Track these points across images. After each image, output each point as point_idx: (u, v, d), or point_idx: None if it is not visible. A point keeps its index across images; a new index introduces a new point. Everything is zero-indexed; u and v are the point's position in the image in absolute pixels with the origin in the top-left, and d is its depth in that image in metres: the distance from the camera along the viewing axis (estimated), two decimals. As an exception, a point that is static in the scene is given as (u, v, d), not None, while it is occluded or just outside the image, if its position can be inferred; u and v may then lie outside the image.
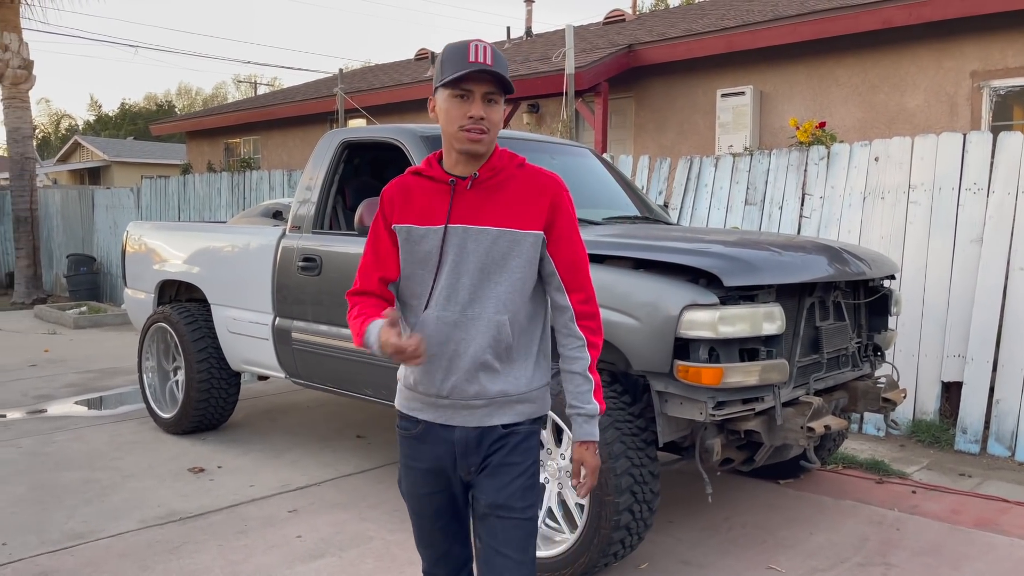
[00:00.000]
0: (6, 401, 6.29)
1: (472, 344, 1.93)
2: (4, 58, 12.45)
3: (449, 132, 1.91)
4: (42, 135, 52.80)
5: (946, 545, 3.69)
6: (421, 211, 1.96)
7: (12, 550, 3.54)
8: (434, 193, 1.96)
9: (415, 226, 1.95)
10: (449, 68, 1.88)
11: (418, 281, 1.97)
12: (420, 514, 2.10)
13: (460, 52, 1.87)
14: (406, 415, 2.06)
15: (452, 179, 1.94)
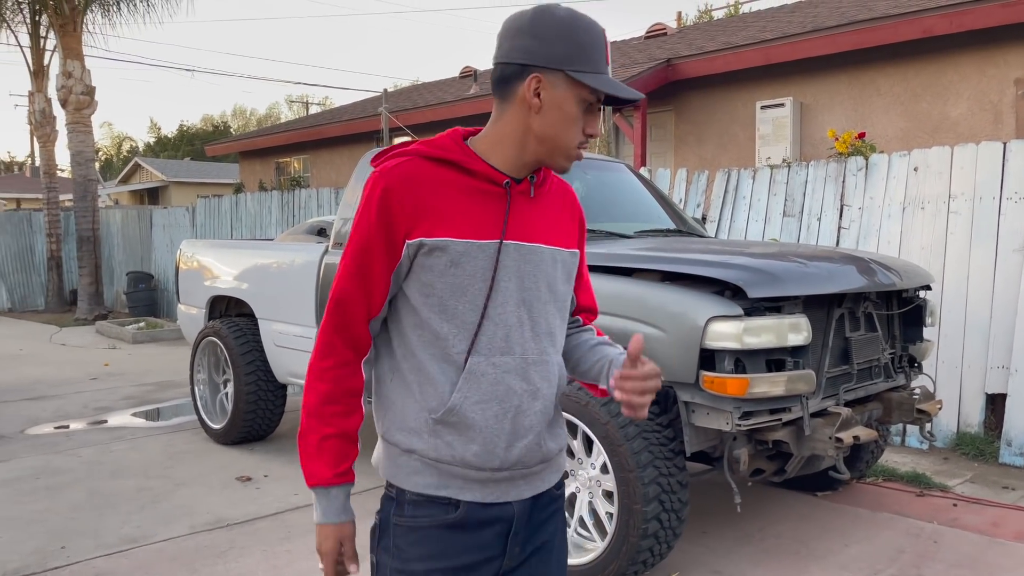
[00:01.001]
0: (69, 413, 6.59)
1: (540, 396, 1.50)
2: (68, 85, 13.01)
3: (562, 143, 1.45)
4: (105, 157, 54.72)
5: (983, 558, 3.65)
6: (458, 217, 1.43)
7: (70, 553, 3.74)
8: (475, 193, 1.46)
9: (452, 240, 1.42)
10: (589, 61, 1.42)
11: (449, 317, 1.44)
12: None
13: (599, 46, 1.45)
14: (436, 498, 1.47)
15: (507, 180, 1.47)
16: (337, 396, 1.48)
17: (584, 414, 3.24)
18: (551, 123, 1.44)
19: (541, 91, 1.42)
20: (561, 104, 1.43)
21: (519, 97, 1.44)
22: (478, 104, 12.30)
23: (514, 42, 1.44)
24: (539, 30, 1.42)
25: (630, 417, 1.49)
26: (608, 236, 4.11)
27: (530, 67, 1.42)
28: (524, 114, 1.45)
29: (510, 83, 1.45)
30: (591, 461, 3.38)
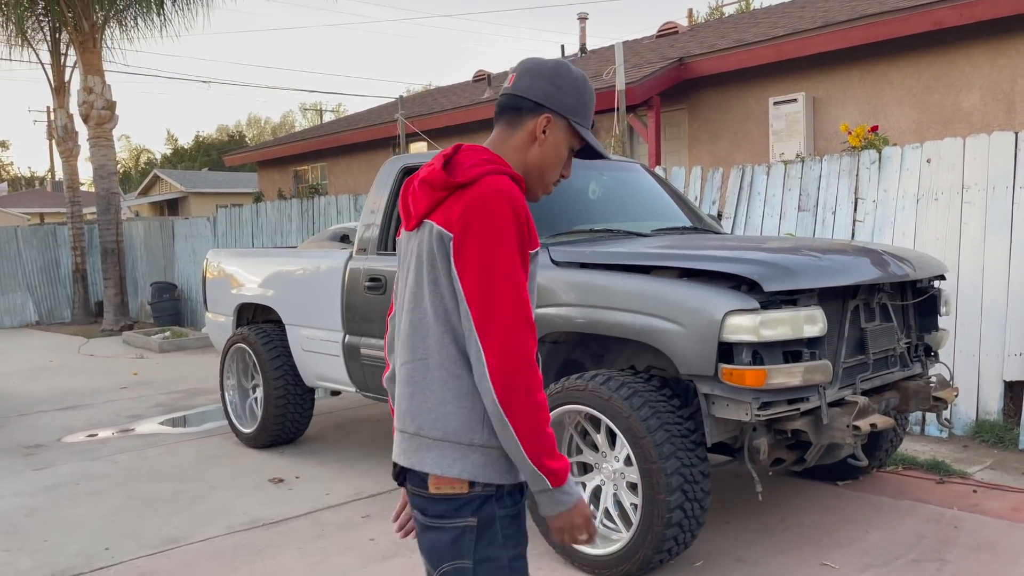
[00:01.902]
0: (102, 421, 6.76)
1: None
2: (89, 100, 13.25)
3: (546, 175, 1.75)
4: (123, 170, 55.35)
5: (1004, 542, 3.71)
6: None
7: (114, 554, 3.88)
8: None
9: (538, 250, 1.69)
10: (585, 117, 1.75)
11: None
12: None
13: (593, 107, 1.77)
14: (516, 484, 1.68)
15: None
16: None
17: (607, 408, 3.34)
18: (546, 157, 1.74)
19: (548, 129, 1.72)
20: (558, 144, 1.74)
21: (528, 129, 1.73)
22: (492, 108, 12.39)
23: (534, 83, 1.73)
24: (558, 81, 1.72)
25: None
26: (626, 235, 4.21)
27: (544, 108, 1.72)
28: (527, 144, 1.74)
29: (522, 114, 1.73)
30: (615, 454, 3.48)
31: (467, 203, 1.61)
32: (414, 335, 1.70)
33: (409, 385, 1.70)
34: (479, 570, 1.63)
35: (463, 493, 1.64)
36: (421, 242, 1.69)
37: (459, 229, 1.61)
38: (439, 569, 1.66)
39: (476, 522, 1.63)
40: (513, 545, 1.65)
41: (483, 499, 1.64)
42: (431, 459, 1.66)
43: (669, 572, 3.47)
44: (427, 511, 1.68)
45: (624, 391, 3.32)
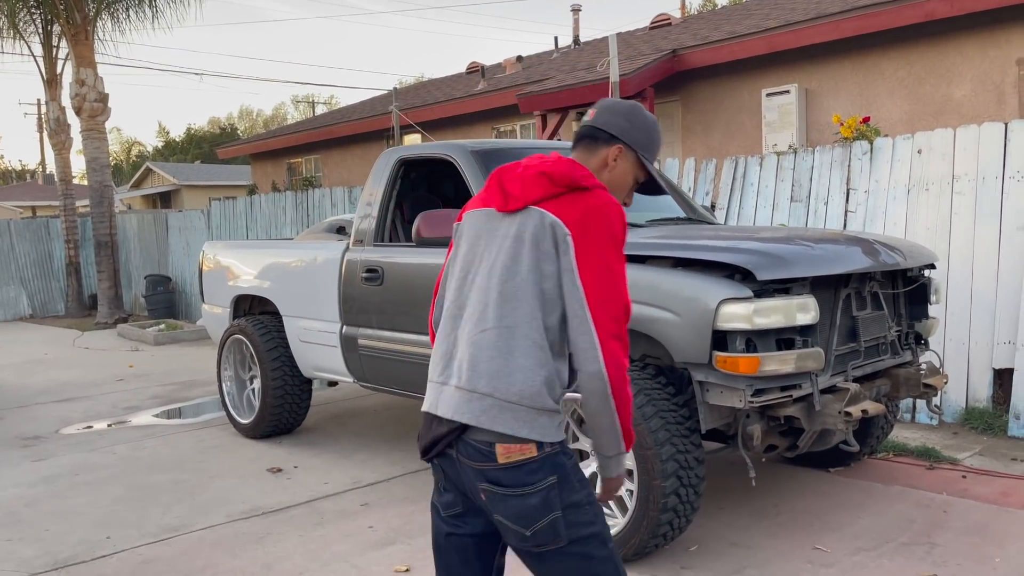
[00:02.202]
0: (100, 413, 6.79)
1: None
2: (82, 92, 13.21)
3: (617, 192, 2.02)
4: (114, 162, 55.11)
5: (992, 525, 3.79)
6: None
7: (116, 542, 3.93)
8: None
9: None
10: (652, 154, 2.04)
11: None
12: None
13: (660, 144, 2.07)
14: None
15: None
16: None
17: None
18: (614, 182, 2.01)
19: (618, 159, 2.01)
20: (625, 173, 2.03)
21: (601, 156, 2.01)
22: (487, 99, 12.44)
23: (611, 118, 2.03)
24: (632, 119, 2.02)
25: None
26: (620, 225, 4.25)
27: (618, 140, 2.01)
28: (599, 169, 2.01)
29: (598, 143, 2.02)
30: (611, 441, 3.52)
31: (588, 208, 1.87)
32: (504, 304, 1.87)
33: (489, 349, 1.85)
34: (567, 515, 1.83)
35: (534, 456, 1.82)
36: (524, 224, 1.89)
37: (579, 229, 1.85)
38: (533, 528, 1.82)
39: (556, 478, 1.83)
40: (585, 486, 1.88)
41: (553, 456, 1.84)
42: (503, 420, 1.81)
43: (664, 556, 3.54)
44: (502, 481, 1.82)
45: (620, 379, 3.37)
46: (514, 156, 4.61)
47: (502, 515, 1.85)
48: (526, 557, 1.90)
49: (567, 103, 10.25)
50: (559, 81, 10.70)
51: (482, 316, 1.89)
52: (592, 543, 1.86)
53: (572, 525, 1.83)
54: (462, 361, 1.89)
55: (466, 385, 1.86)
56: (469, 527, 1.97)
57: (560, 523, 1.82)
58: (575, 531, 1.83)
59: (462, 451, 1.86)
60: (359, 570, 3.51)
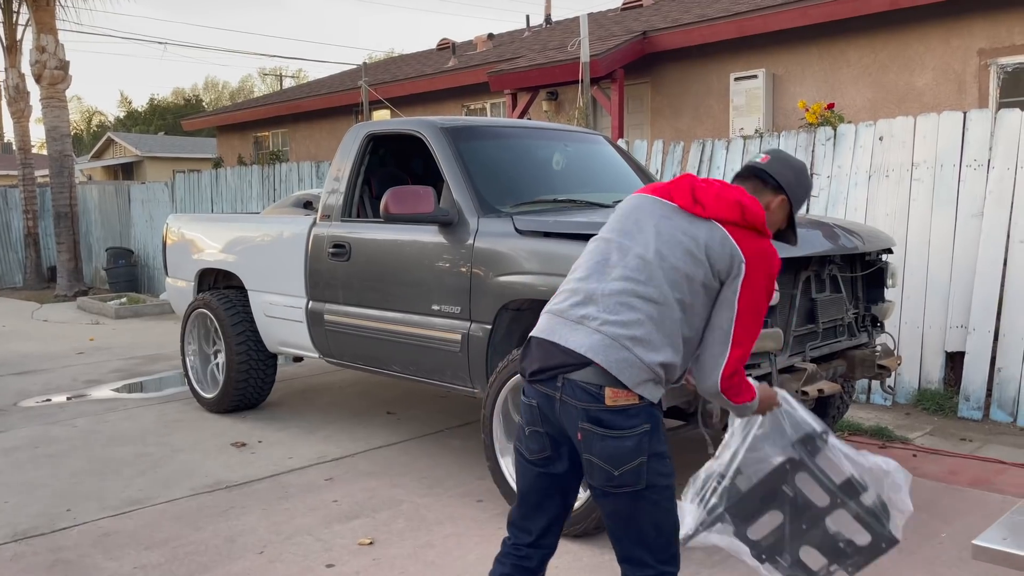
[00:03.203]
0: (59, 386, 6.71)
1: None
2: (42, 59, 12.90)
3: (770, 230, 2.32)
4: (75, 132, 53.85)
5: (940, 502, 3.92)
6: None
7: (76, 514, 3.91)
8: None
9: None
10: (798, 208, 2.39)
11: None
12: None
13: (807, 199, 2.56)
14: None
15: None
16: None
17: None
18: (770, 225, 2.32)
19: (778, 208, 2.35)
20: (778, 221, 2.38)
21: (766, 199, 2.33)
22: (457, 76, 12.38)
23: (783, 170, 2.35)
24: (801, 179, 2.38)
25: None
26: (588, 205, 4.30)
27: (784, 191, 2.34)
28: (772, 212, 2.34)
29: (766, 186, 2.34)
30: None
31: (762, 249, 2.19)
32: (669, 286, 2.13)
33: (647, 315, 2.10)
34: (651, 462, 2.08)
35: (636, 403, 2.07)
36: (709, 233, 2.17)
37: (751, 264, 2.15)
38: (621, 468, 2.06)
39: (650, 427, 2.08)
40: (666, 441, 2.15)
41: (650, 407, 2.10)
42: (630, 373, 2.06)
43: (624, 530, 3.61)
44: (605, 422, 2.07)
45: (584, 356, 3.42)
46: (484, 134, 4.62)
47: (595, 454, 2.08)
48: (602, 497, 2.14)
49: (537, 82, 10.25)
50: (530, 60, 10.68)
51: (646, 283, 2.13)
52: (664, 493, 2.12)
53: (653, 472, 2.08)
54: (608, 311, 2.11)
55: (610, 333, 2.09)
56: (555, 467, 2.22)
57: (644, 467, 2.07)
58: (654, 478, 2.09)
59: (568, 390, 2.09)
60: (323, 543, 3.54)
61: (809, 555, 2.49)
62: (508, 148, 4.64)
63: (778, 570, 2.46)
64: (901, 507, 2.44)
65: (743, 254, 2.14)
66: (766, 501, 2.47)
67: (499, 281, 3.83)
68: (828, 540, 2.47)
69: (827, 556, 2.47)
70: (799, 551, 2.47)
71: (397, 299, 4.35)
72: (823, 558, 2.47)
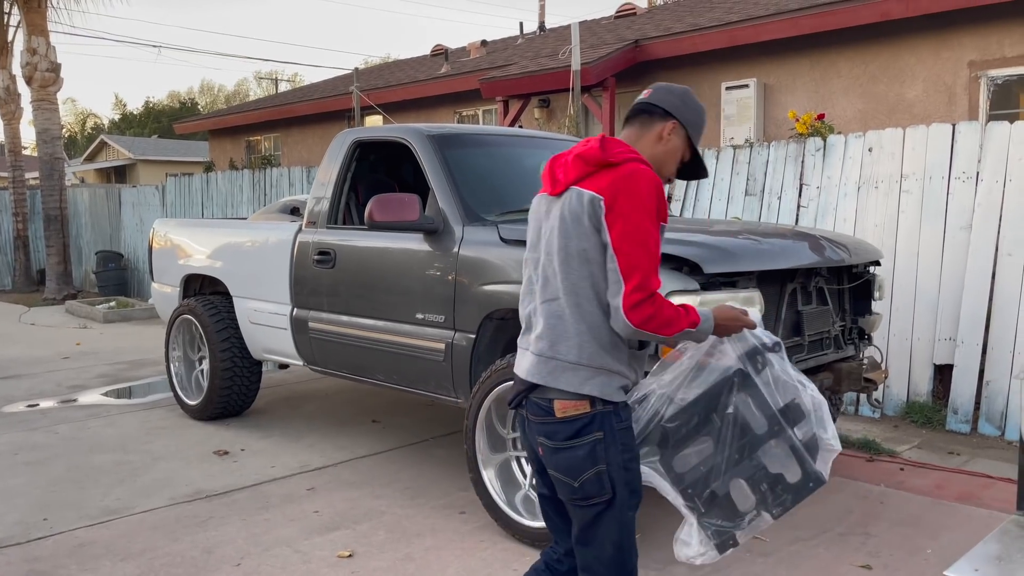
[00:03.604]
0: (43, 391, 6.64)
1: None
2: (33, 61, 12.84)
3: (665, 169, 2.22)
4: (68, 134, 53.70)
5: (926, 517, 3.89)
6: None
7: (53, 524, 3.85)
8: None
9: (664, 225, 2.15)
10: (697, 134, 2.24)
11: None
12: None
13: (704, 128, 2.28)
14: (625, 403, 2.14)
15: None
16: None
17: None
18: (667, 154, 2.21)
19: (672, 133, 2.19)
20: (675, 148, 2.22)
21: (656, 130, 2.20)
22: (450, 83, 12.36)
23: (667, 97, 2.22)
24: (687, 101, 2.22)
25: None
26: (574, 215, 4.26)
27: (672, 117, 2.19)
28: (654, 142, 2.20)
29: (653, 119, 2.20)
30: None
31: (615, 177, 2.05)
32: (562, 277, 2.09)
33: (551, 318, 2.10)
34: (612, 471, 2.05)
35: (587, 412, 2.05)
36: (567, 203, 2.10)
37: (609, 195, 2.02)
38: (580, 479, 2.06)
39: (603, 435, 2.05)
40: (628, 450, 2.09)
41: (603, 416, 2.06)
42: (565, 379, 2.06)
43: (607, 544, 3.57)
44: (556, 435, 2.08)
45: (567, 368, 3.38)
46: (470, 142, 4.59)
47: (554, 468, 2.11)
48: (573, 509, 2.14)
49: (529, 89, 10.23)
50: (522, 67, 10.67)
51: (545, 288, 2.14)
52: (619, 505, 2.09)
53: (620, 483, 2.07)
54: (536, 329, 2.15)
55: (536, 350, 2.13)
56: (547, 490, 2.25)
57: (605, 477, 2.05)
58: (621, 489, 2.07)
59: (529, 408, 2.15)
60: (302, 555, 3.50)
61: (739, 491, 2.26)
62: (495, 156, 4.61)
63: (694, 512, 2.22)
64: (830, 445, 2.22)
65: (597, 193, 2.04)
66: (700, 425, 2.22)
67: (483, 290, 3.79)
68: (760, 474, 2.23)
69: (756, 493, 2.23)
70: (729, 485, 2.23)
71: (381, 307, 4.32)
72: (752, 495, 2.23)
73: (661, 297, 2.02)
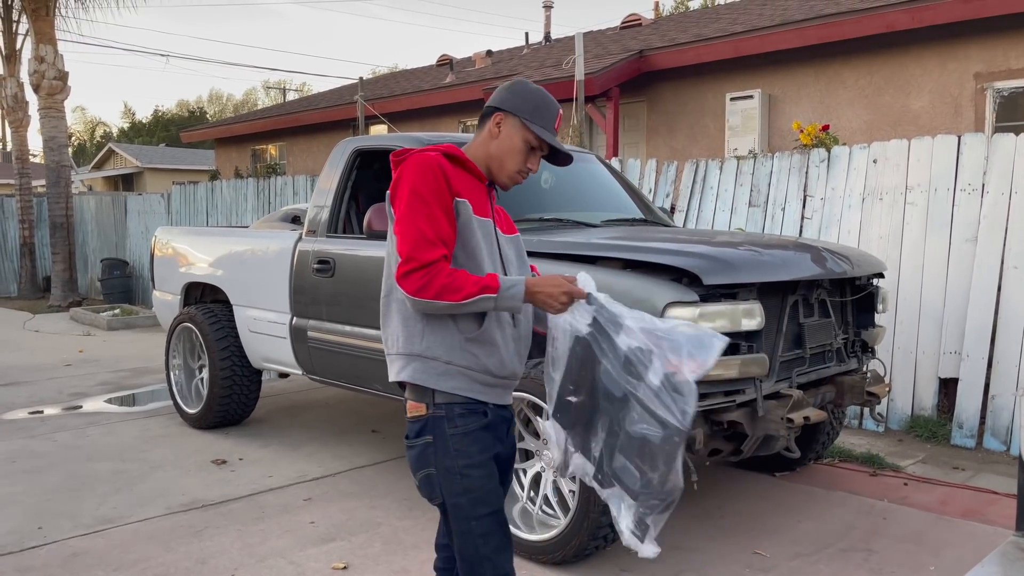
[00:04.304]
0: (43, 398, 6.63)
1: (527, 327, 2.21)
2: (40, 70, 12.90)
3: (506, 165, 2.15)
4: (78, 142, 54.01)
5: (929, 533, 3.84)
6: (473, 198, 2.08)
7: (47, 533, 3.82)
8: (475, 187, 2.11)
9: (480, 217, 2.08)
10: (540, 119, 2.13)
11: (482, 263, 2.06)
12: (499, 510, 2.13)
13: (552, 114, 2.17)
14: (475, 400, 2.08)
15: (489, 182, 2.18)
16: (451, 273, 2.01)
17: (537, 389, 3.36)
18: (501, 148, 2.15)
19: (500, 125, 2.15)
20: (510, 137, 2.14)
21: (488, 127, 2.17)
22: (455, 93, 12.37)
23: (496, 95, 2.21)
24: (514, 89, 2.19)
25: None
26: (575, 225, 4.24)
27: (499, 110, 2.16)
28: (488, 139, 2.17)
29: (487, 118, 2.19)
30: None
31: (397, 172, 2.09)
32: (386, 280, 2.14)
33: (382, 317, 2.16)
34: (439, 474, 2.08)
35: (422, 415, 2.09)
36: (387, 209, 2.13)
37: (391, 188, 2.08)
38: (416, 476, 2.13)
39: (432, 439, 2.08)
40: (465, 456, 2.06)
41: (436, 420, 2.07)
42: (394, 370, 2.13)
43: (605, 559, 3.53)
44: (407, 433, 2.15)
45: (565, 379, 3.35)
46: (471, 151, 4.57)
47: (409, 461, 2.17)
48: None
49: (534, 99, 10.20)
50: (526, 77, 10.67)
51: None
52: (459, 516, 2.09)
53: (447, 490, 2.08)
54: None
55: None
56: None
57: (434, 481, 2.09)
58: (450, 497, 2.09)
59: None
60: (296, 566, 3.46)
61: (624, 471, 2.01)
62: (496, 166, 4.58)
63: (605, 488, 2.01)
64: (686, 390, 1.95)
65: (389, 191, 2.10)
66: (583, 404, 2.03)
67: (482, 301, 3.76)
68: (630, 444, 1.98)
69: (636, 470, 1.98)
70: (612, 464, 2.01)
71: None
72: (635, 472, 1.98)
73: (438, 267, 1.96)
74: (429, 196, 1.99)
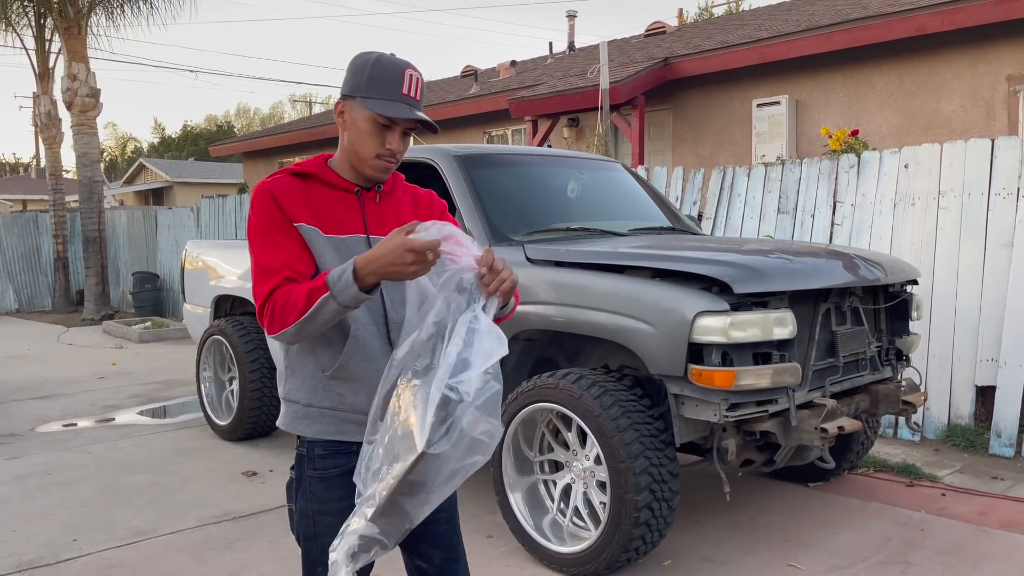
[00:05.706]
0: (77, 411, 6.72)
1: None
2: (73, 87, 13.14)
3: (361, 154, 1.84)
4: (109, 158, 54.91)
5: (968, 545, 3.75)
6: (329, 216, 1.84)
7: (81, 545, 3.86)
8: (336, 201, 1.87)
9: (335, 236, 1.84)
10: (378, 90, 1.81)
11: None
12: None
13: (394, 78, 1.82)
14: (342, 441, 1.86)
15: (357, 188, 1.89)
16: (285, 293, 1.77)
17: (578, 407, 3.35)
18: (351, 138, 1.85)
19: (344, 113, 1.86)
20: (356, 122, 1.84)
21: (338, 123, 1.89)
22: (479, 103, 12.42)
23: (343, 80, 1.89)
24: (352, 68, 1.88)
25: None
26: (602, 234, 4.22)
27: (342, 97, 1.88)
28: (341, 134, 1.89)
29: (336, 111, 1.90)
30: (585, 453, 3.49)
31: None
32: None
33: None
34: (295, 513, 1.93)
35: (296, 453, 1.94)
36: None
37: None
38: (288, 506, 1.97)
39: (292, 476, 1.95)
40: (319, 501, 1.88)
41: (299, 458, 1.92)
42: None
43: (637, 571, 3.49)
44: None
45: (595, 390, 3.33)
46: (497, 161, 4.57)
47: None
48: None
49: (558, 109, 10.23)
50: (551, 87, 10.68)
51: None
52: (307, 557, 1.94)
53: (299, 527, 1.94)
54: None
55: None
56: None
57: (293, 515, 1.95)
58: (300, 538, 1.95)
59: None
60: (327, 579, 3.45)
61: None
62: (522, 176, 4.59)
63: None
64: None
65: None
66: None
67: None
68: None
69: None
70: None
71: (408, 328, 4.28)
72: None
73: (276, 294, 1.73)
74: (262, 226, 1.81)
